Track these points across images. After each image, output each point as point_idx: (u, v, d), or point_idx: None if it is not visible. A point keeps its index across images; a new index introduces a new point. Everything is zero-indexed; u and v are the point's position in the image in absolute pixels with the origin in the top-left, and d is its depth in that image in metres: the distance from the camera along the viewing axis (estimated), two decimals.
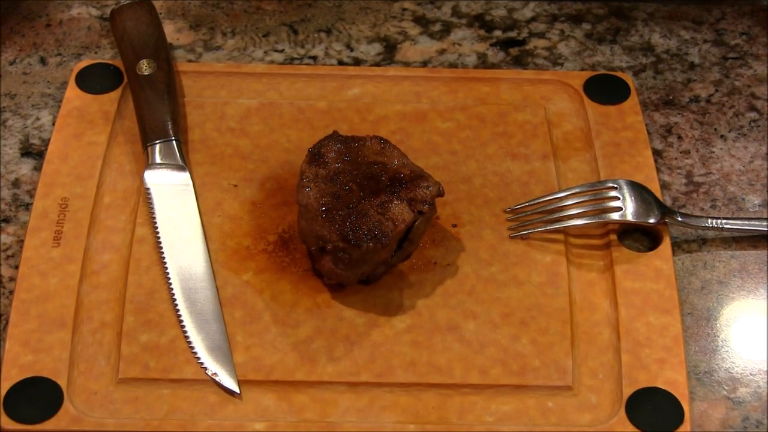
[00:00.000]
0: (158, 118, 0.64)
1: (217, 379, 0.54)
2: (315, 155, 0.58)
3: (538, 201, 0.62)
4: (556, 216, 0.61)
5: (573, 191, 0.62)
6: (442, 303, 0.58)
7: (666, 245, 0.61)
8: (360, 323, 0.57)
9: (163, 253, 0.59)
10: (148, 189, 0.61)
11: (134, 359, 0.55)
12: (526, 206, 0.62)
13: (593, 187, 0.62)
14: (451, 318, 0.58)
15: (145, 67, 0.65)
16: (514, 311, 0.58)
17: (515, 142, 0.67)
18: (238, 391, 0.54)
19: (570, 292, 0.59)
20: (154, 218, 0.60)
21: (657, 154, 0.67)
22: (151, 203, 0.61)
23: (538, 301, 0.58)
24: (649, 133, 0.68)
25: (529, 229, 0.61)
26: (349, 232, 0.54)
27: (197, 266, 0.59)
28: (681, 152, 0.68)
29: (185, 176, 0.62)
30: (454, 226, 0.62)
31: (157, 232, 0.60)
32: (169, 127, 0.64)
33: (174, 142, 0.63)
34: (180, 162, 0.63)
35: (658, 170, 0.66)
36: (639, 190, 0.62)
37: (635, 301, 0.58)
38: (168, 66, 0.66)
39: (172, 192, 0.62)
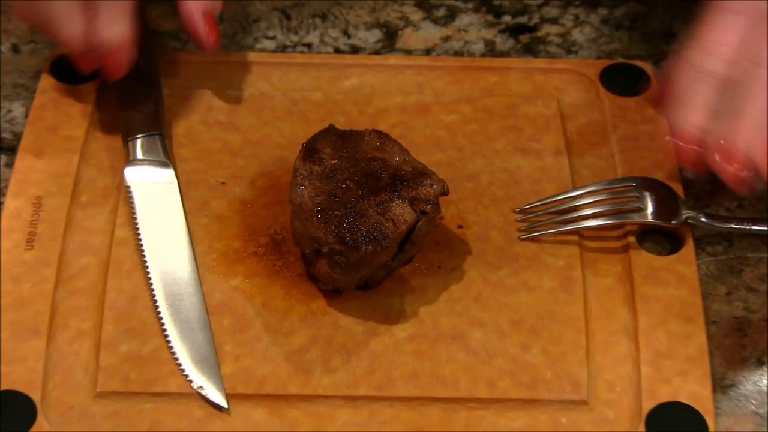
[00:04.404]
0: (140, 110, 0.64)
1: (203, 392, 0.54)
2: (309, 151, 0.58)
3: (551, 200, 0.62)
4: (569, 216, 0.62)
5: (588, 190, 0.62)
6: (447, 310, 0.58)
7: (689, 248, 0.61)
8: (358, 332, 0.57)
9: (144, 256, 0.59)
10: (128, 187, 0.62)
11: (114, 371, 0.55)
12: (538, 206, 0.63)
13: (610, 186, 0.62)
14: (456, 326, 0.58)
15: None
16: (524, 319, 0.58)
17: (525, 136, 0.67)
18: (225, 406, 0.54)
19: (585, 298, 0.59)
20: (135, 219, 0.60)
21: None
22: (132, 202, 0.61)
23: (550, 307, 0.59)
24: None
25: (540, 231, 0.61)
26: (346, 233, 0.54)
27: (182, 270, 0.59)
28: None
29: (169, 173, 0.63)
30: (460, 227, 0.62)
31: (139, 234, 0.60)
32: (152, 120, 0.64)
33: (157, 136, 0.63)
34: (163, 158, 0.63)
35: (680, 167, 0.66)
36: (659, 189, 0.62)
37: (656, 308, 0.58)
38: (150, 54, 0.66)
39: (154, 190, 0.62)
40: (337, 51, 0.73)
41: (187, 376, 0.55)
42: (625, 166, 0.65)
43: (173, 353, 0.56)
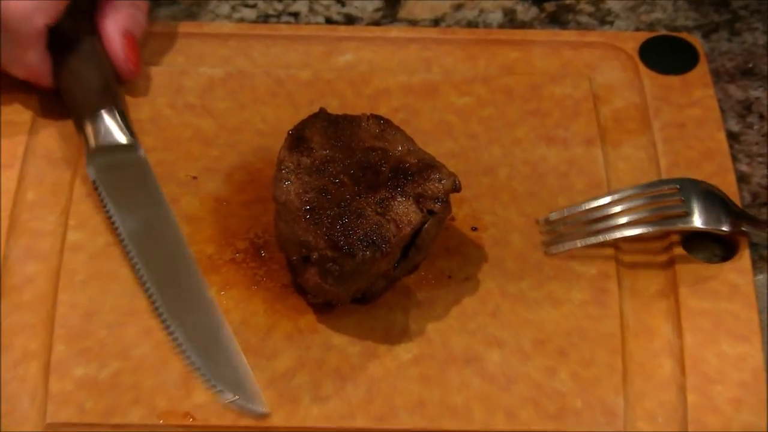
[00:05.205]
0: (88, 86, 0.64)
1: (239, 402, 0.55)
2: (297, 139, 0.58)
3: (580, 210, 0.62)
4: (603, 226, 0.61)
5: (623, 195, 0.61)
6: (459, 327, 0.59)
7: (744, 254, 0.61)
8: (354, 353, 0.58)
9: (136, 263, 0.59)
10: (94, 182, 0.62)
11: (66, 399, 0.55)
12: (566, 216, 0.62)
13: (649, 189, 0.62)
14: (469, 346, 0.58)
15: (66, 23, 0.65)
16: (550, 338, 0.58)
17: (551, 122, 0.67)
18: (267, 411, 0.55)
19: (621, 313, 0.59)
20: (113, 219, 0.60)
21: (732, 137, 0.68)
22: (104, 201, 0.61)
23: (581, 324, 0.59)
24: (722, 111, 0.68)
25: (568, 243, 0.61)
26: (340, 237, 0.55)
27: (183, 270, 0.59)
28: (763, 135, 0.68)
29: (138, 155, 0.63)
30: (474, 229, 0.62)
31: (121, 238, 0.60)
32: (104, 94, 0.64)
33: (115, 111, 0.63)
34: (127, 138, 0.63)
35: (734, 158, 0.66)
36: (708, 190, 0.61)
37: (704, 325, 0.59)
38: (90, 23, 0.66)
39: (125, 178, 0.62)
40: (329, 21, 0.73)
41: (215, 386, 0.55)
42: (669, 157, 0.65)
43: (206, 378, 0.56)
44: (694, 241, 0.63)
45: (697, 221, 0.60)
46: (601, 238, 0.61)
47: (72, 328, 0.58)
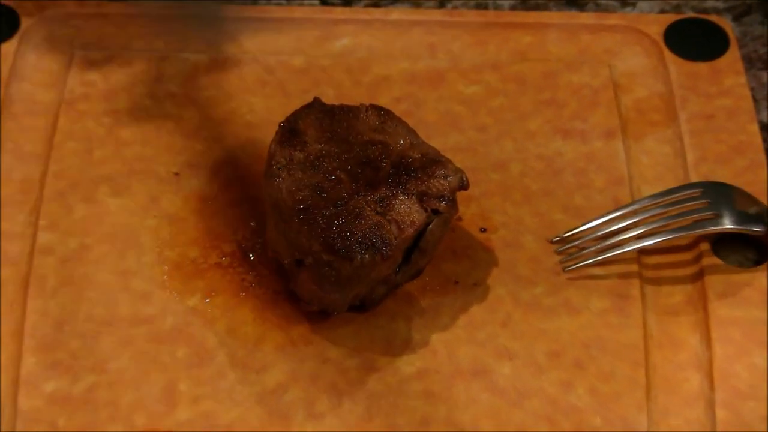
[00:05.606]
0: None
1: None
2: (289, 132, 0.58)
3: (597, 223, 0.62)
4: (625, 237, 0.61)
5: (643, 204, 0.62)
6: (466, 338, 0.59)
7: None
8: (351, 366, 0.58)
9: None
10: None
11: (37, 415, 0.56)
12: (582, 231, 0.62)
13: (671, 195, 0.62)
14: (478, 358, 0.58)
15: None
16: (566, 349, 0.59)
17: (568, 113, 0.67)
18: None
19: (644, 322, 0.60)
20: None
21: (766, 129, 0.68)
22: None
23: (600, 334, 0.59)
24: (755, 100, 0.68)
25: (589, 260, 0.61)
26: (336, 239, 0.55)
27: None
28: None
29: None
30: (483, 230, 0.63)
31: None
32: None
33: None
34: None
35: (767, 153, 0.66)
36: (735, 190, 0.62)
37: (735, 335, 0.59)
38: None
39: None
40: (325, 3, 0.73)
41: None
42: (696, 151, 0.65)
43: None
44: (723, 245, 0.63)
45: (728, 222, 0.61)
46: (625, 249, 0.61)
47: (43, 339, 0.58)
